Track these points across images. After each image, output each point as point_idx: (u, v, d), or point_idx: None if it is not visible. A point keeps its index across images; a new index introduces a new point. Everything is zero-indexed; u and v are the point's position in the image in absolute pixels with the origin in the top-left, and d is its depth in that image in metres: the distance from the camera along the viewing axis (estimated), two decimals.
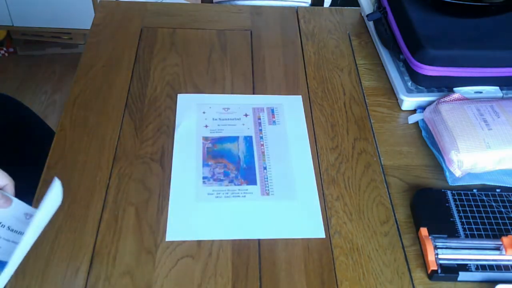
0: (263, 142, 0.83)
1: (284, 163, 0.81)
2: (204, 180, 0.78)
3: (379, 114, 0.90)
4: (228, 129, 0.85)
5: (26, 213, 0.66)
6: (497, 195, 0.76)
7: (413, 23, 0.89)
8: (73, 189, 0.75)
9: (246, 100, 0.90)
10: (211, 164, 0.80)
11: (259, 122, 0.86)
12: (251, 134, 0.84)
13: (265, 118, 0.87)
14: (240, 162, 0.80)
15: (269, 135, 0.85)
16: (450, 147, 0.77)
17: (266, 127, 0.86)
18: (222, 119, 0.86)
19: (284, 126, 0.86)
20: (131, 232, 0.71)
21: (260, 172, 0.79)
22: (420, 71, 0.87)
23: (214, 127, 0.85)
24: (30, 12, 2.04)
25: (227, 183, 0.77)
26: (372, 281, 0.68)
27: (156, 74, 0.94)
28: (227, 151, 0.82)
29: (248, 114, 0.87)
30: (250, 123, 0.86)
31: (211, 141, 0.83)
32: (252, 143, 0.83)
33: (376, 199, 0.77)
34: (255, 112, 0.88)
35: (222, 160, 0.80)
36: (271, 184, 0.78)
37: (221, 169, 0.79)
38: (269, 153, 0.82)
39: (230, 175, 0.78)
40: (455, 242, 0.69)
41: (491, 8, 0.94)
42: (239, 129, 0.85)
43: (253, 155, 0.81)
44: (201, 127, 0.85)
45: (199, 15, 1.09)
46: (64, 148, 0.81)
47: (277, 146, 0.83)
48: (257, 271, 0.68)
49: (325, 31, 1.07)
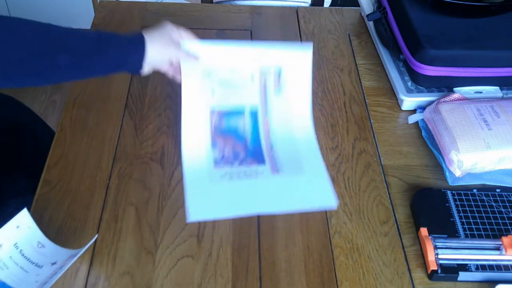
0: (268, 119, 0.83)
1: (289, 140, 0.82)
2: (215, 163, 0.79)
3: (379, 114, 0.90)
4: (234, 98, 0.83)
5: (39, 242, 0.66)
6: (497, 195, 0.76)
7: (413, 23, 0.89)
8: (73, 189, 0.75)
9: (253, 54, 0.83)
10: (219, 144, 0.81)
11: (265, 90, 0.84)
12: (257, 103, 0.83)
13: (271, 84, 0.83)
14: (248, 144, 0.81)
15: (273, 109, 0.84)
16: (450, 147, 0.77)
17: (271, 98, 0.84)
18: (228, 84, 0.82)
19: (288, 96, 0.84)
20: (131, 232, 0.71)
21: (267, 152, 0.81)
22: (420, 71, 0.87)
23: (221, 96, 0.82)
24: (30, 12, 2.04)
25: (238, 164, 0.79)
26: (372, 281, 0.68)
27: (156, 74, 0.94)
28: (234, 130, 0.82)
29: (255, 77, 0.83)
30: (256, 90, 0.83)
31: (218, 115, 0.82)
32: (258, 120, 0.83)
33: (376, 199, 0.77)
34: (261, 74, 0.83)
35: (230, 140, 0.81)
36: (279, 162, 0.80)
37: (230, 150, 0.81)
38: (275, 131, 0.83)
39: (240, 156, 0.80)
40: (455, 242, 0.69)
41: (491, 8, 0.94)
42: (245, 98, 0.83)
43: (259, 135, 0.82)
44: (208, 95, 0.82)
45: (199, 15, 1.09)
46: (64, 148, 0.81)
47: (281, 123, 0.83)
48: (257, 271, 0.68)
49: (325, 31, 1.07)
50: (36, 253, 0.65)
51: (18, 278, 0.63)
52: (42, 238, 0.66)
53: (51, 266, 0.65)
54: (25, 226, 0.65)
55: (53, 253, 0.67)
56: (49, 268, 0.65)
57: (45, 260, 0.66)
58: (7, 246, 0.64)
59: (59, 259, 0.66)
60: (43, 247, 0.66)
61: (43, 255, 0.66)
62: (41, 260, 0.66)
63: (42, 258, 0.66)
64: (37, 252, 0.66)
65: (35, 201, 0.73)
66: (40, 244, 0.66)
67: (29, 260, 0.65)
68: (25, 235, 0.65)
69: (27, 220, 0.65)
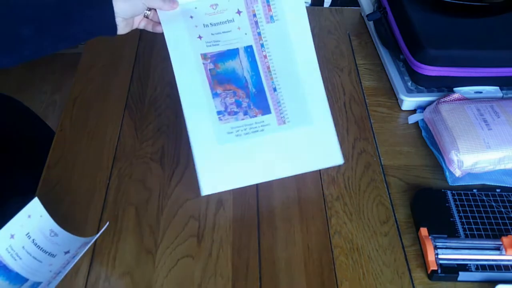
0: (265, 53, 0.77)
1: (292, 78, 0.78)
2: (219, 116, 0.75)
3: (379, 114, 0.90)
4: (224, 38, 0.76)
5: (52, 230, 0.66)
6: (497, 195, 0.76)
7: (413, 23, 0.89)
8: (73, 189, 0.75)
9: None
10: (220, 93, 0.75)
11: (256, 21, 0.77)
12: (250, 42, 0.77)
13: (261, 14, 0.77)
14: (249, 86, 0.77)
15: (270, 40, 0.77)
16: (450, 147, 0.77)
17: (264, 28, 0.77)
18: (214, 24, 0.76)
19: (285, 23, 0.77)
20: (131, 232, 0.71)
21: (271, 96, 0.77)
22: (420, 71, 0.87)
23: (209, 37, 0.76)
24: None
25: (242, 115, 0.76)
26: (372, 281, 0.68)
27: (156, 74, 0.94)
28: (232, 73, 0.76)
29: (241, 10, 0.76)
30: (246, 25, 0.76)
31: (211, 60, 0.76)
32: (255, 56, 0.77)
33: (376, 199, 0.77)
34: (248, 5, 0.76)
35: (229, 86, 0.76)
36: (285, 109, 0.77)
37: (232, 98, 0.76)
38: (275, 67, 0.77)
39: (243, 105, 0.76)
40: (455, 242, 0.69)
41: (491, 8, 0.94)
42: (236, 36, 0.76)
43: (259, 73, 0.77)
44: (195, 39, 0.75)
45: None
46: (64, 148, 0.81)
47: (281, 55, 0.78)
48: (257, 271, 0.68)
49: (325, 31, 1.07)
50: (48, 242, 0.66)
51: (32, 268, 0.63)
52: (55, 226, 0.67)
53: (64, 255, 0.66)
54: (36, 215, 0.65)
55: (65, 242, 0.67)
56: (62, 257, 0.65)
57: (58, 249, 0.66)
58: (19, 236, 0.64)
59: (72, 248, 0.66)
60: (55, 236, 0.66)
61: (56, 244, 0.66)
62: (54, 249, 0.66)
63: (55, 247, 0.66)
64: (49, 241, 0.66)
65: None
66: (53, 232, 0.66)
67: (42, 249, 0.65)
68: (37, 224, 0.65)
69: (39, 208, 0.65)
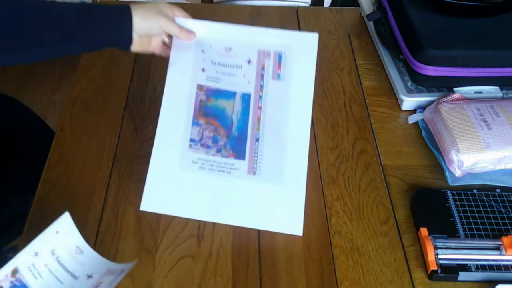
0: (261, 105, 0.75)
1: (279, 136, 0.74)
2: (191, 143, 0.72)
3: (379, 114, 0.90)
4: (226, 79, 0.75)
5: (78, 247, 0.64)
6: (497, 195, 0.76)
7: (413, 23, 0.89)
8: (73, 189, 0.75)
9: (253, 36, 0.77)
10: (201, 123, 0.73)
11: (262, 74, 0.76)
12: (251, 91, 0.75)
13: (270, 69, 0.76)
14: (232, 128, 0.74)
15: (269, 95, 0.75)
16: (450, 147, 0.77)
17: (268, 83, 0.76)
18: (222, 64, 0.76)
19: (289, 84, 0.75)
20: (131, 232, 0.71)
21: (251, 144, 0.73)
22: (420, 71, 0.87)
23: (212, 73, 0.75)
24: None
25: (214, 152, 0.73)
26: (372, 281, 0.68)
27: (156, 74, 0.94)
28: (221, 111, 0.74)
29: (252, 61, 0.76)
30: (252, 75, 0.76)
31: (206, 92, 0.74)
32: (250, 104, 0.75)
33: (376, 199, 0.77)
34: (259, 58, 0.76)
35: (213, 121, 0.74)
36: (260, 161, 0.73)
37: (211, 132, 0.73)
38: (265, 121, 0.74)
39: (219, 143, 0.73)
40: (455, 242, 0.69)
41: (491, 8, 0.94)
42: (238, 81, 0.75)
43: (248, 120, 0.74)
44: (198, 70, 0.75)
45: (199, 15, 1.09)
46: (64, 148, 0.81)
47: (276, 113, 0.75)
48: (257, 271, 0.68)
49: (325, 31, 1.07)
50: (73, 260, 0.63)
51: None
52: (82, 242, 0.64)
53: (87, 280, 0.63)
54: (65, 231, 0.62)
55: (90, 262, 0.64)
56: (84, 281, 0.62)
57: (81, 269, 0.63)
58: (44, 253, 0.61)
59: (95, 272, 0.63)
60: (81, 253, 0.63)
61: (80, 264, 0.63)
62: (77, 269, 0.63)
63: (79, 267, 0.63)
64: (74, 259, 0.63)
65: (35, 201, 0.73)
66: (79, 249, 0.63)
67: (65, 268, 0.62)
68: (64, 240, 0.62)
69: (68, 224, 0.62)
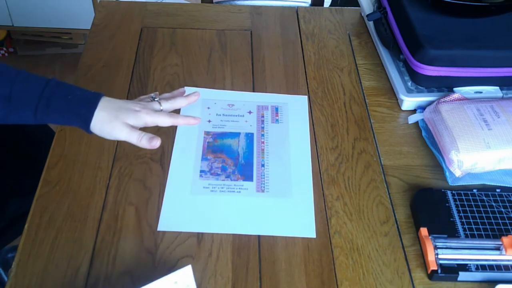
0: (264, 140, 0.83)
1: (282, 161, 0.81)
2: (201, 173, 0.78)
3: (379, 114, 0.90)
4: (230, 125, 0.85)
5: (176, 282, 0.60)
6: (497, 195, 0.76)
7: (413, 23, 0.89)
8: (73, 189, 0.75)
9: (252, 97, 0.90)
10: (210, 158, 0.80)
11: (262, 120, 0.86)
12: (253, 131, 0.85)
13: (269, 116, 0.87)
14: (239, 158, 0.81)
15: (271, 133, 0.85)
16: (450, 147, 0.77)
17: (268, 125, 0.86)
18: (226, 115, 0.87)
19: (287, 125, 0.86)
20: (131, 232, 0.71)
21: (257, 169, 0.79)
22: (420, 71, 0.87)
23: (217, 122, 0.86)
24: (30, 12, 2.04)
25: (224, 177, 0.78)
26: (372, 281, 0.68)
27: (156, 74, 0.94)
28: (227, 147, 0.82)
29: (252, 112, 0.87)
30: (253, 120, 0.86)
31: (213, 136, 0.83)
32: (253, 140, 0.83)
33: (376, 199, 0.77)
34: (259, 110, 0.88)
35: (221, 155, 0.81)
36: (267, 181, 0.78)
37: (219, 163, 0.80)
38: (269, 151, 0.82)
39: (228, 170, 0.79)
40: (455, 242, 0.69)
41: (491, 8, 0.94)
42: (241, 125, 0.85)
43: (253, 151, 0.82)
44: (204, 122, 0.86)
45: (199, 15, 1.09)
46: (64, 148, 0.81)
47: (277, 144, 0.83)
48: (257, 271, 0.68)
49: (325, 31, 1.07)
50: None
51: None
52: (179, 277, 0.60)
53: None
54: (183, 283, 0.60)
55: None
56: None
57: None
58: None
59: None
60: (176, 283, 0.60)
61: None
62: None
63: None
64: None
65: (35, 201, 0.73)
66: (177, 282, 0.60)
67: None
68: None
69: (189, 278, 0.60)
